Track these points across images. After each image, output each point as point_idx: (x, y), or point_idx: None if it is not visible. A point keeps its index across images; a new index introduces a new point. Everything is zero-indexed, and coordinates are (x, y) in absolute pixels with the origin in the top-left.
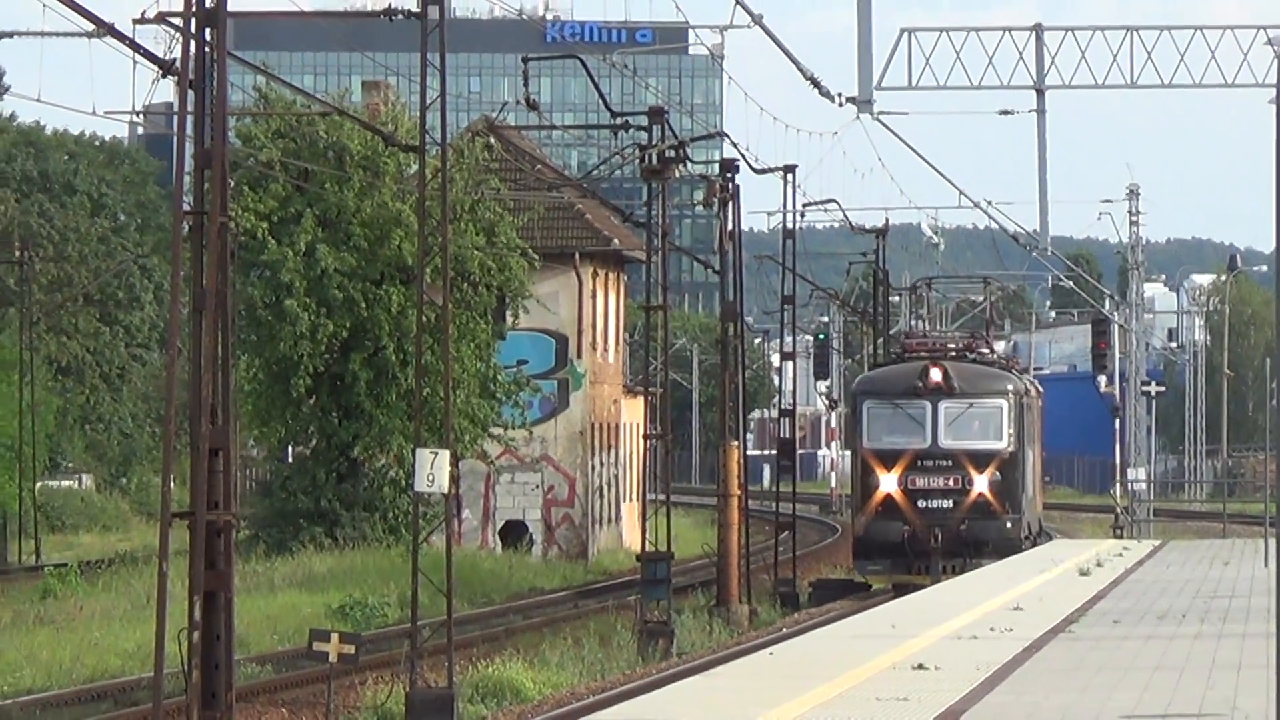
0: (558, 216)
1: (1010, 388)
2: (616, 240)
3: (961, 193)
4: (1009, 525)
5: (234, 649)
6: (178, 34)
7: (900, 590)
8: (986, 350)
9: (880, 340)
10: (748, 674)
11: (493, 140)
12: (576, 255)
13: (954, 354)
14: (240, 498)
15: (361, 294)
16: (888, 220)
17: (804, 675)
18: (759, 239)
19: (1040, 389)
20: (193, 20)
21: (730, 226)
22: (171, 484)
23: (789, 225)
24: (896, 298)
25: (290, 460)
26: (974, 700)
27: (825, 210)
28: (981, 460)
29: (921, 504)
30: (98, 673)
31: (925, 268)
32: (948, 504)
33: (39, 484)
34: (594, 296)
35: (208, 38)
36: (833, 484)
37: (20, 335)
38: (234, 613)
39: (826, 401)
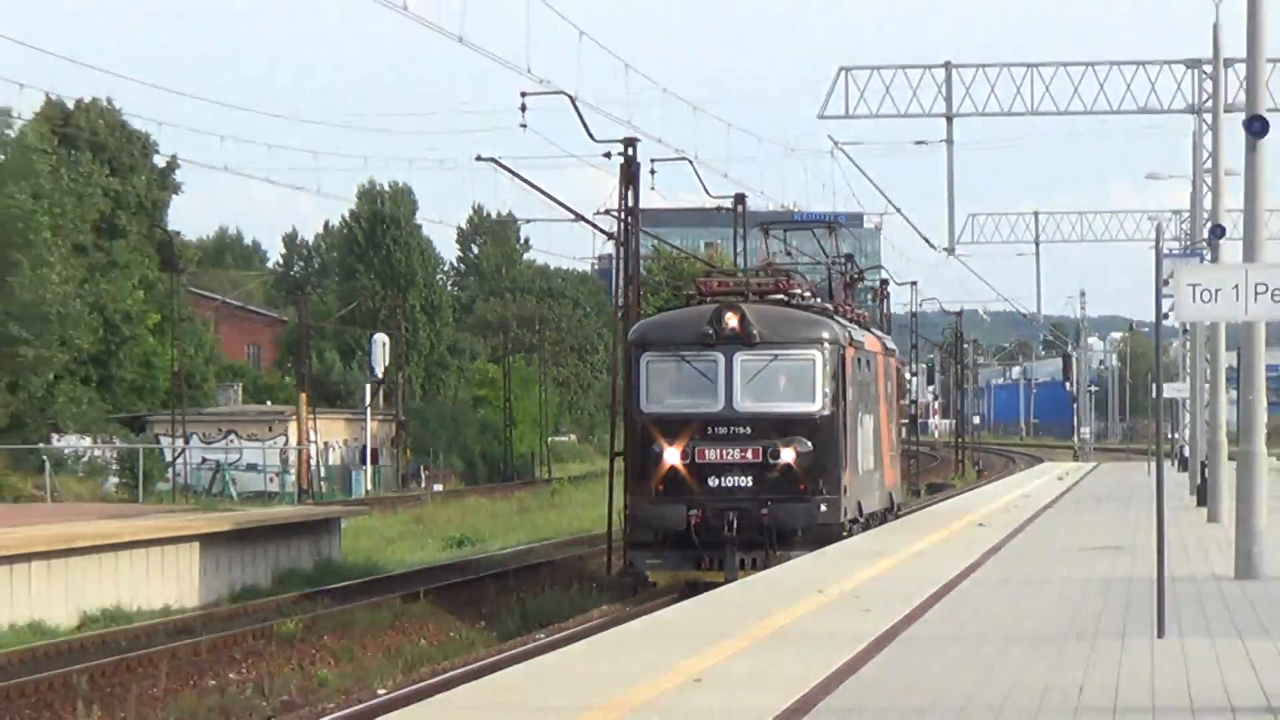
0: None
1: (827, 336)
2: None
3: None
4: (823, 508)
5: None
6: (615, 217)
7: (692, 590)
8: (809, 294)
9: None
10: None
11: None
12: None
13: (761, 296)
14: None
15: None
16: None
17: (870, 553)
18: None
19: (892, 347)
20: (624, 213)
21: None
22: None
23: None
24: None
25: None
26: (1013, 538)
27: None
28: (789, 427)
29: (713, 482)
30: (578, 530)
31: None
32: (745, 482)
33: (550, 438)
34: None
35: (628, 222)
36: (934, 435)
37: (539, 367)
38: None
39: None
